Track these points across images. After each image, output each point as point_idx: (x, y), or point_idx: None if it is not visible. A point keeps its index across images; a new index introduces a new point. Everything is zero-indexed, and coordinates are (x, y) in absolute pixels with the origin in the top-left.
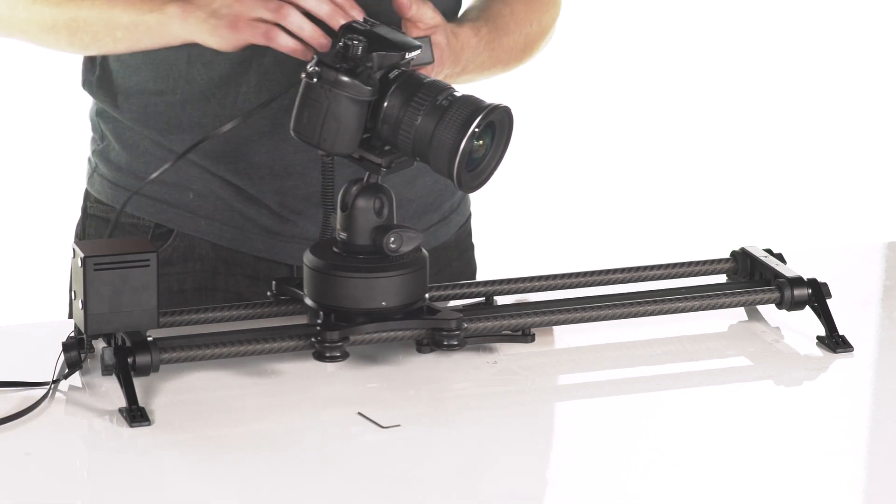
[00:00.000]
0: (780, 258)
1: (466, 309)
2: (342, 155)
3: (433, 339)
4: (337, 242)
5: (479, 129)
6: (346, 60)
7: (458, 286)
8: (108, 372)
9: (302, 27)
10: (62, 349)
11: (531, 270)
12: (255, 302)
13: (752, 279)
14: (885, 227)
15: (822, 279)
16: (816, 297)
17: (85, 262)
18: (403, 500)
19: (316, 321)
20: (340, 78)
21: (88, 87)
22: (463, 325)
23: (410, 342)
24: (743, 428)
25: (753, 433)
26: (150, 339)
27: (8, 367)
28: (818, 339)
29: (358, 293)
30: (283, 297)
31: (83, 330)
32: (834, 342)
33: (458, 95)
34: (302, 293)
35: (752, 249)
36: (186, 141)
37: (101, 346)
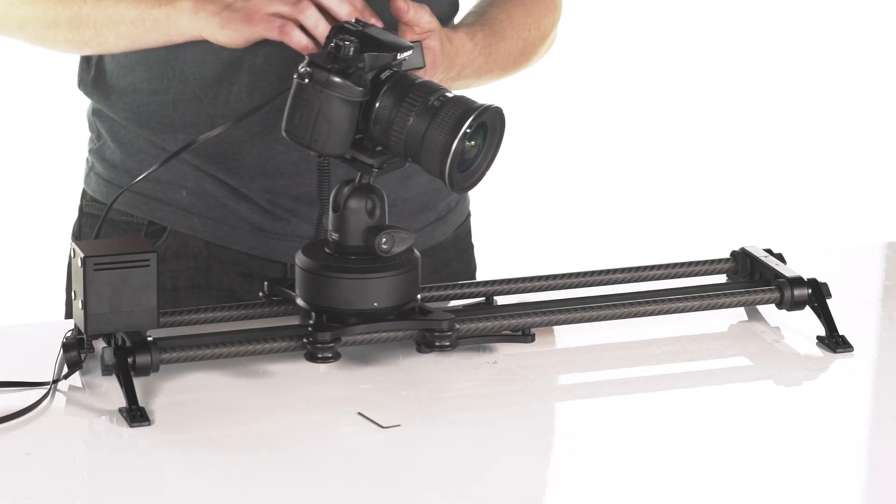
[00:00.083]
0: (780, 258)
1: (466, 309)
2: (334, 156)
3: (425, 339)
4: (329, 243)
5: (470, 129)
6: (337, 61)
7: (458, 286)
8: (108, 372)
9: (318, 25)
10: (62, 349)
11: (531, 270)
12: (255, 302)
13: (752, 279)
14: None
15: (822, 279)
16: (816, 297)
17: (85, 262)
18: (403, 500)
19: (308, 322)
20: (332, 78)
21: (84, 86)
22: (455, 325)
23: (410, 342)
24: (743, 428)
25: (753, 433)
26: (150, 339)
27: (8, 367)
28: (818, 339)
29: (350, 294)
30: (275, 297)
31: (83, 330)
32: (834, 342)
33: (449, 96)
34: (294, 294)
35: (752, 249)
36: (179, 140)
37: (101, 346)
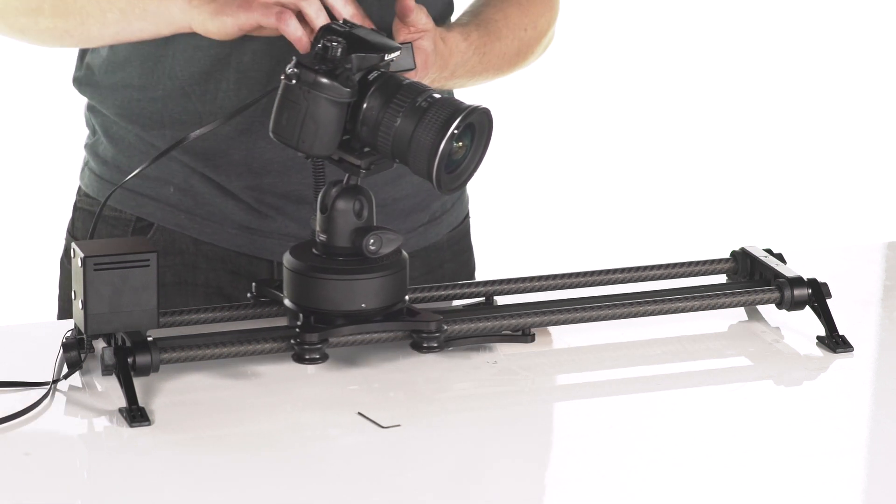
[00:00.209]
0: (780, 258)
1: (466, 309)
2: (321, 157)
3: (413, 341)
4: (316, 244)
5: (458, 130)
6: (324, 62)
7: (458, 286)
8: (108, 372)
9: (318, 16)
10: (62, 349)
11: (531, 270)
12: (257, 301)
13: (752, 279)
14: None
15: (822, 279)
16: (816, 297)
17: (85, 262)
18: (403, 500)
19: (295, 323)
20: (319, 79)
21: (77, 83)
22: (443, 327)
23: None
24: (743, 428)
25: (753, 433)
26: (150, 339)
27: (8, 367)
28: (818, 339)
29: (337, 295)
30: (262, 298)
31: (83, 330)
32: (834, 342)
33: (437, 97)
34: (281, 295)
35: (752, 249)
36: (167, 137)
37: (101, 346)
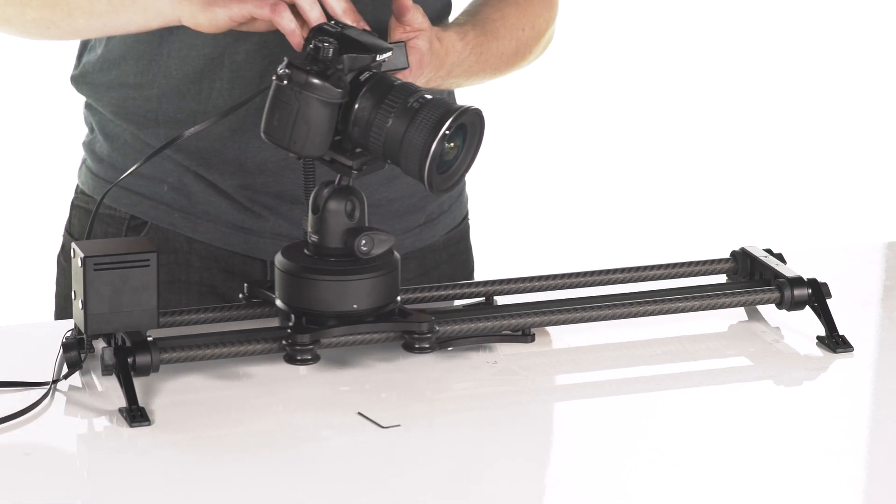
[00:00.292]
0: (780, 258)
1: (466, 309)
2: (313, 157)
3: (405, 342)
4: (308, 245)
5: (450, 131)
6: (316, 62)
7: (458, 286)
8: (108, 372)
9: (312, 9)
10: (62, 349)
11: (531, 270)
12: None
13: (752, 279)
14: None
15: (822, 279)
16: (816, 297)
17: (85, 262)
18: (403, 500)
19: (287, 324)
20: (311, 80)
21: (74, 81)
22: (435, 328)
23: None
24: (743, 428)
25: (753, 433)
26: (150, 339)
27: (8, 367)
28: (818, 339)
29: (329, 296)
30: (255, 299)
31: (83, 330)
32: (834, 342)
33: (429, 98)
34: (273, 296)
35: (752, 249)
36: (161, 135)
37: (101, 346)
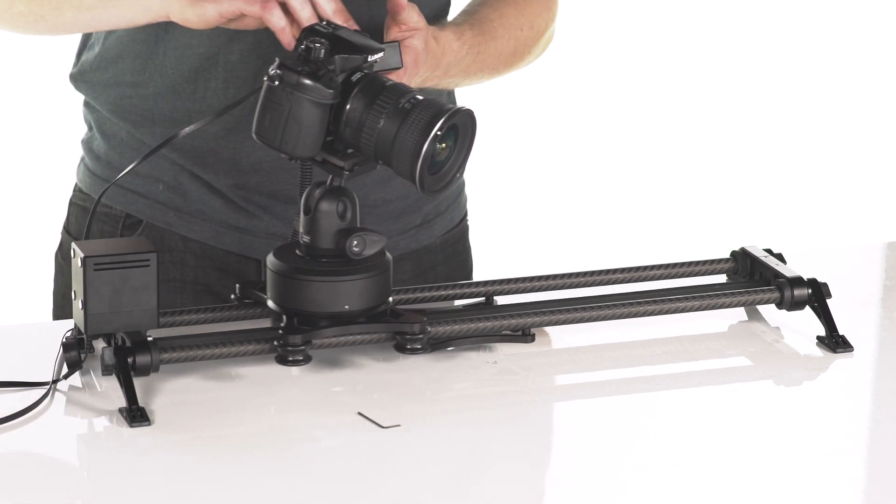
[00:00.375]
0: (780, 258)
1: (466, 309)
2: (304, 158)
3: (397, 342)
4: (300, 246)
5: (441, 131)
6: (307, 63)
7: (457, 286)
8: (108, 372)
9: (303, 7)
10: (62, 349)
11: (531, 270)
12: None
13: (752, 279)
14: (885, 227)
15: (822, 279)
16: (816, 297)
17: (85, 262)
18: (403, 500)
19: (278, 325)
20: (302, 81)
21: (73, 79)
22: (427, 328)
23: None
24: (743, 428)
25: (753, 433)
26: (150, 339)
27: (8, 367)
28: (818, 339)
29: (321, 296)
30: (247, 300)
31: (83, 330)
32: (834, 342)
33: (420, 98)
34: (265, 296)
35: (752, 249)
36: (157, 134)
37: (101, 346)
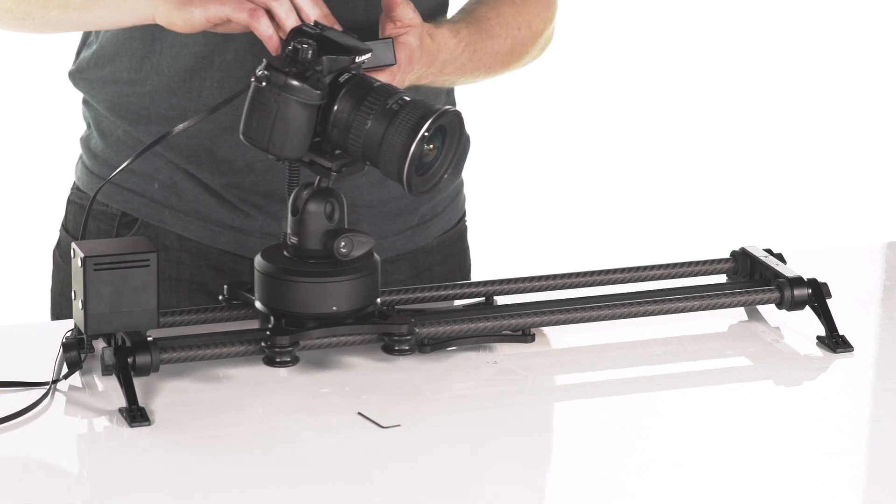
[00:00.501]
0: (780, 258)
1: (466, 309)
2: (292, 159)
3: (384, 344)
4: (288, 247)
5: (429, 132)
6: (295, 64)
7: (458, 286)
8: (108, 372)
9: (288, 17)
10: (62, 349)
11: (530, 270)
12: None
13: (752, 279)
14: (885, 227)
15: (822, 279)
16: (816, 297)
17: (85, 262)
18: (403, 500)
19: (266, 326)
20: (289, 82)
21: (71, 77)
22: (415, 329)
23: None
24: (743, 428)
25: (753, 433)
26: (150, 339)
27: (8, 367)
28: (818, 339)
29: (308, 298)
30: (235, 301)
31: (83, 330)
32: (834, 342)
33: (408, 100)
34: (253, 297)
35: (752, 249)
36: (153, 132)
37: (101, 346)
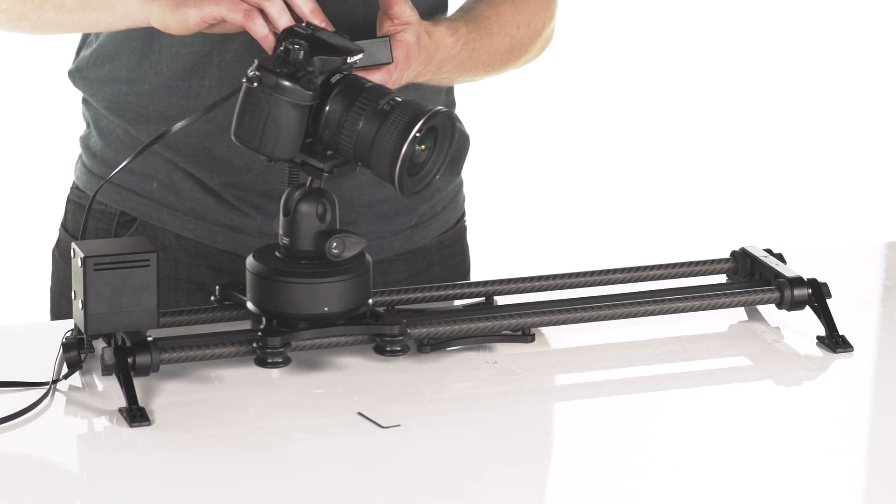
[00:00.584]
0: (780, 258)
1: (466, 309)
2: (284, 160)
3: (376, 345)
4: (280, 248)
5: (420, 133)
6: (287, 65)
7: (457, 286)
8: (108, 372)
9: (281, 16)
10: (62, 349)
11: (530, 270)
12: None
13: (752, 279)
14: (885, 227)
15: (822, 279)
16: (816, 297)
17: (85, 262)
18: (403, 500)
19: (258, 327)
20: (281, 82)
21: (71, 76)
22: (406, 331)
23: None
24: (743, 428)
25: (753, 433)
26: (150, 339)
27: (8, 367)
28: (818, 339)
29: (300, 298)
30: (226, 302)
31: (83, 330)
32: (834, 342)
33: (399, 100)
34: (244, 298)
35: (752, 249)
36: (152, 131)
37: (101, 346)
